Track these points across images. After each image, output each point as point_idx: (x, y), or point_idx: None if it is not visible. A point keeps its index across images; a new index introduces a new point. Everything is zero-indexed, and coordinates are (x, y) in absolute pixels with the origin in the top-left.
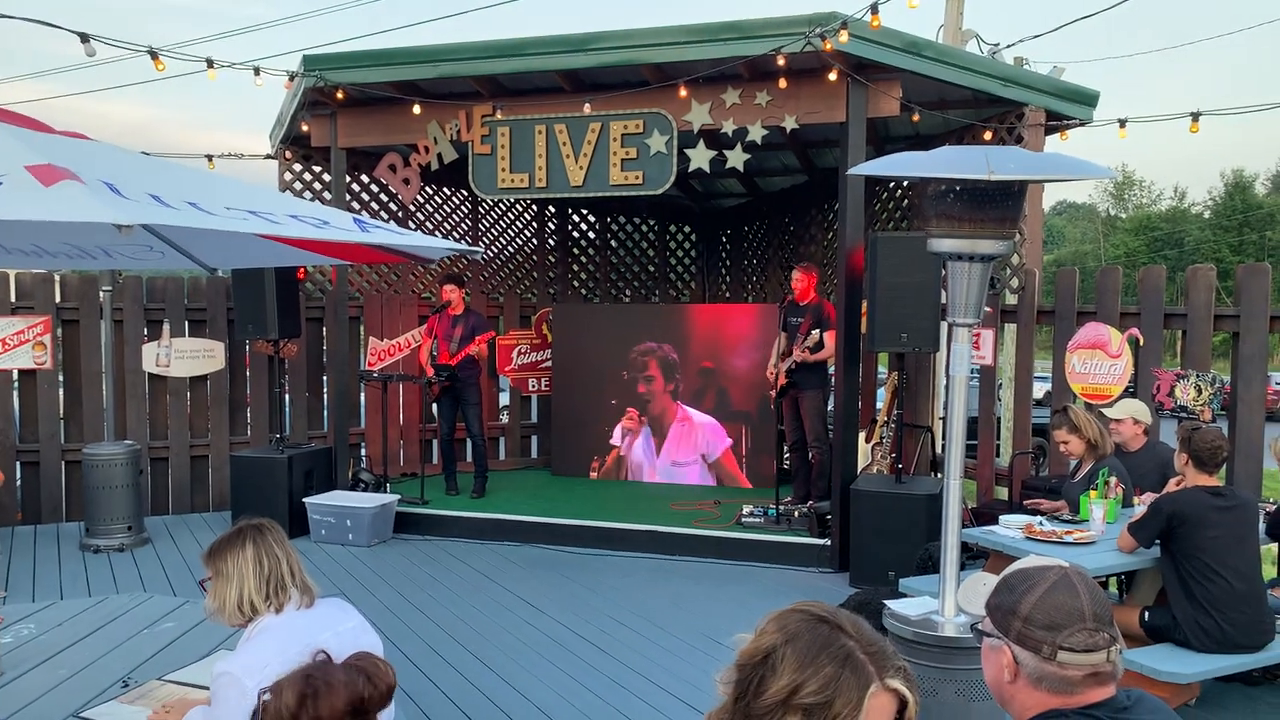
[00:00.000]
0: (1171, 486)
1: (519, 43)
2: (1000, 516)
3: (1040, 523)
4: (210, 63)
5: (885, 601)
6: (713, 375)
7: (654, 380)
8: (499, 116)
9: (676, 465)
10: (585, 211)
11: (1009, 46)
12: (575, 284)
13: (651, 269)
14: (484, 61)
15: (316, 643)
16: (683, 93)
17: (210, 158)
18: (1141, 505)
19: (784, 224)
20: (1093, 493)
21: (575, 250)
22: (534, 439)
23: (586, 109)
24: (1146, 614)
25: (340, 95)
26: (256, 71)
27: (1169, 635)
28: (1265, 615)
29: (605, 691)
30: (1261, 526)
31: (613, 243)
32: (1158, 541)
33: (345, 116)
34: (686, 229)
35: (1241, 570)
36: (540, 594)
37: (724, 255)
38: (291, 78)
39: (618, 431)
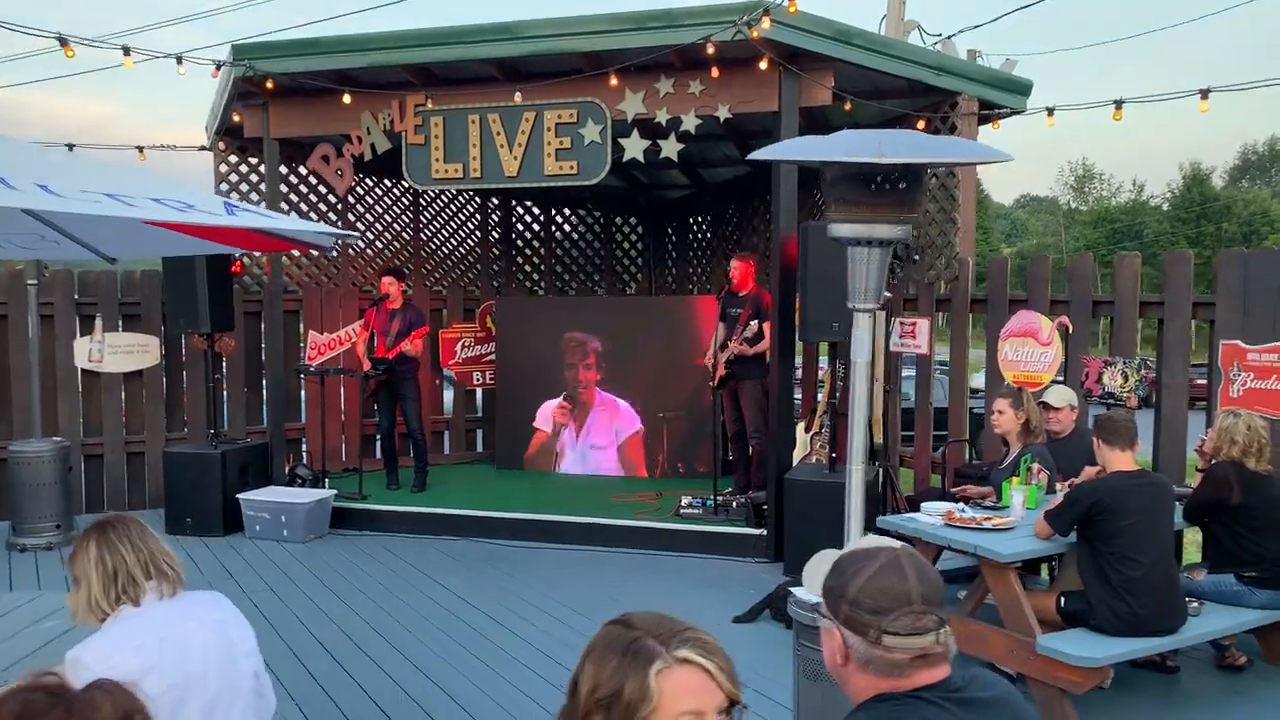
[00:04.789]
0: (1090, 472)
1: (449, 31)
2: (922, 504)
3: (961, 509)
4: (126, 50)
5: (790, 588)
6: (621, 362)
7: (591, 369)
8: (431, 106)
9: (594, 449)
10: (529, 203)
11: (951, 36)
12: (519, 277)
13: (598, 261)
14: (414, 50)
15: (177, 634)
16: (614, 81)
17: (141, 149)
18: (1064, 491)
19: (728, 215)
20: (1014, 479)
21: (519, 243)
22: (479, 433)
23: (518, 98)
24: (1063, 599)
25: (270, 85)
26: (179, 60)
27: (1084, 620)
28: (1178, 599)
29: (530, 687)
30: (1178, 513)
31: (557, 235)
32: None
33: (277, 107)
34: (633, 220)
35: (1156, 554)
36: (474, 588)
37: (670, 247)
38: (218, 66)
39: (543, 417)
